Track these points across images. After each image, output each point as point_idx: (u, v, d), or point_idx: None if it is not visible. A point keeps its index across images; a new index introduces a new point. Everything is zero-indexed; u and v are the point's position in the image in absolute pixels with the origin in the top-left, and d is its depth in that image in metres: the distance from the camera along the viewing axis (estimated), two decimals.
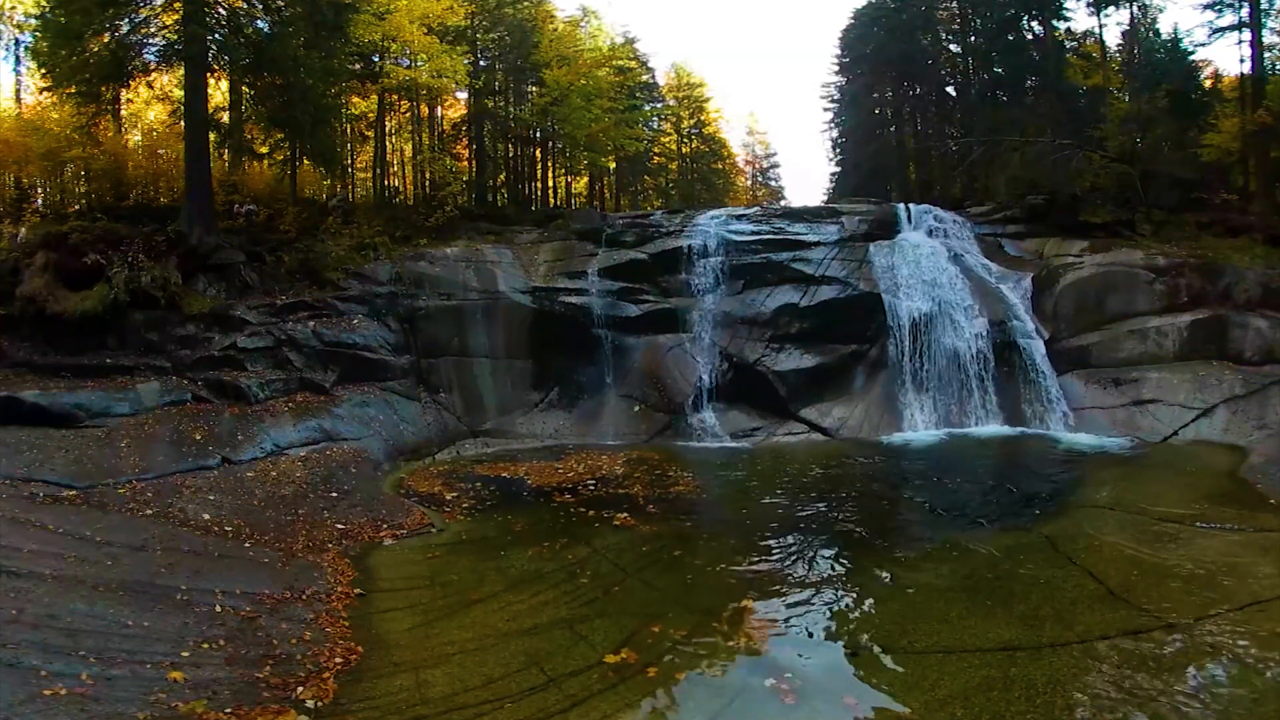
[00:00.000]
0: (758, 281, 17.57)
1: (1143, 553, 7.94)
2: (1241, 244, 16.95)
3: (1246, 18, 20.15)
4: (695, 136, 38.87)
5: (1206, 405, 13.83)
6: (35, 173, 19.10)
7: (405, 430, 14.71)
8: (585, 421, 16.42)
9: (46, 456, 10.75)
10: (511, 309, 16.95)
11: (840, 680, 5.66)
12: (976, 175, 25.47)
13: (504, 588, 7.74)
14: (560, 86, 23.31)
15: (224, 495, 10.48)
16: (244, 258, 16.10)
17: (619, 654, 6.05)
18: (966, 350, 15.82)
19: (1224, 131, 19.29)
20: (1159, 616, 6.29)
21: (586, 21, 29.79)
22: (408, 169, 27.19)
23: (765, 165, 48.34)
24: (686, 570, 8.09)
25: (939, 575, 7.58)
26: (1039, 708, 5.03)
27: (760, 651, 6.17)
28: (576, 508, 10.69)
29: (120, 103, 19.28)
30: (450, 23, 22.60)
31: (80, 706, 4.75)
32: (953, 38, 31.37)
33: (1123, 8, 25.06)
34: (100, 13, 14.34)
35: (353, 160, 26.18)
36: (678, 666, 5.91)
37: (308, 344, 15.05)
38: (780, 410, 16.04)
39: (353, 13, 17.54)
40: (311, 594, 7.38)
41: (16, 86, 21.59)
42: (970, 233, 19.11)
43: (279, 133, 17.60)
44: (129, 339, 14.28)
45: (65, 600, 6.22)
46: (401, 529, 9.90)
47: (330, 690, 5.53)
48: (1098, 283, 16.39)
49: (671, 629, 6.52)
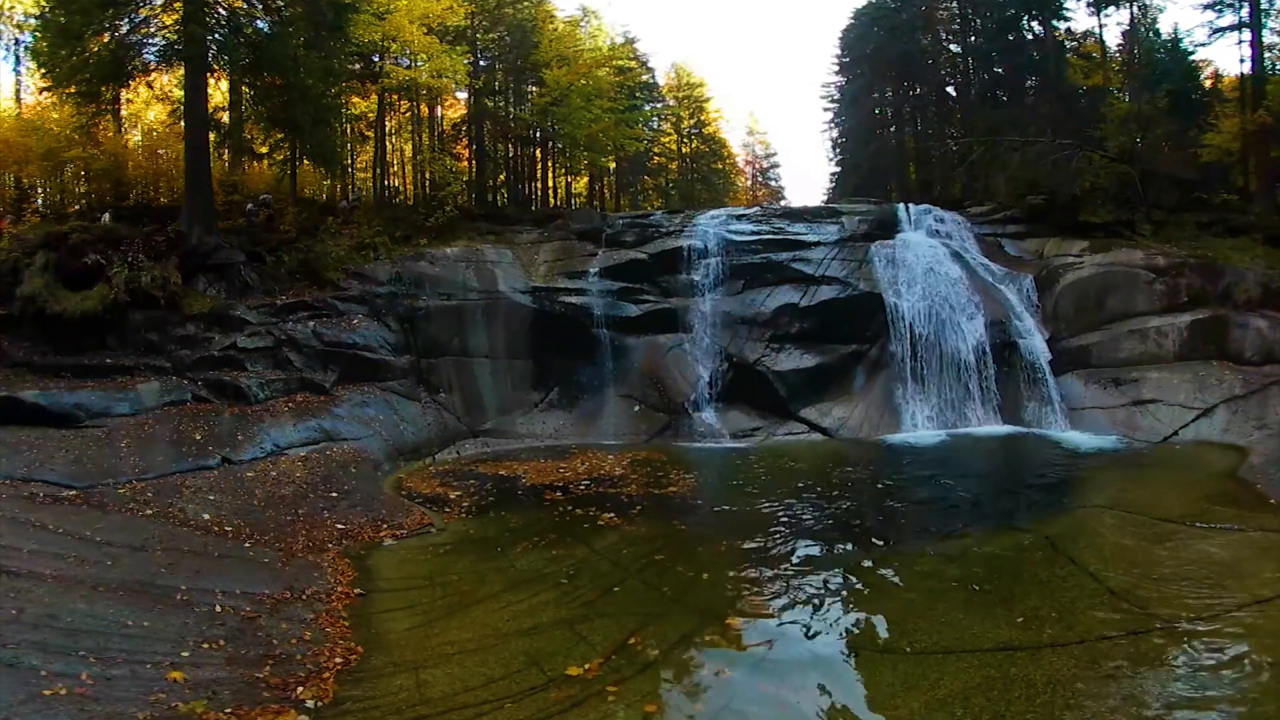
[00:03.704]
0: (758, 281, 17.57)
1: (1143, 553, 7.94)
2: (1241, 244, 16.95)
3: (1246, 18, 20.17)
4: (695, 136, 38.85)
5: (1206, 405, 13.82)
6: (35, 173, 19.11)
7: (405, 430, 14.71)
8: (585, 421, 16.42)
9: (46, 456, 10.75)
10: (511, 309, 16.94)
11: (840, 680, 5.66)
12: (976, 175, 25.46)
13: (504, 588, 7.74)
14: (560, 86, 23.31)
15: (224, 495, 10.48)
16: (244, 258, 16.10)
17: (620, 654, 6.04)
18: (966, 350, 15.82)
19: (1224, 131, 19.28)
20: (1159, 616, 6.28)
21: (586, 21, 29.79)
22: (408, 169, 27.20)
23: (765, 165, 48.32)
24: (686, 570, 8.08)
25: (939, 575, 7.57)
26: (1039, 708, 5.03)
27: (760, 651, 6.17)
28: (576, 508, 10.68)
29: (120, 103, 19.27)
30: (450, 23, 22.60)
31: (80, 706, 4.75)
32: (953, 38, 31.35)
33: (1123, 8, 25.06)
34: (100, 13, 14.33)
35: (353, 160, 26.19)
36: (678, 666, 5.91)
37: (308, 344, 15.04)
38: (780, 410, 16.03)
39: (353, 13, 17.53)
40: (311, 594, 7.38)
41: (16, 86, 21.62)
42: (970, 233, 19.11)
43: (279, 133, 17.58)
44: (129, 339, 14.27)
45: (65, 600, 6.22)
46: (401, 529, 9.90)
47: (330, 690, 5.52)
48: (1098, 283, 16.39)
49: (672, 629, 6.51)
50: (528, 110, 26.04)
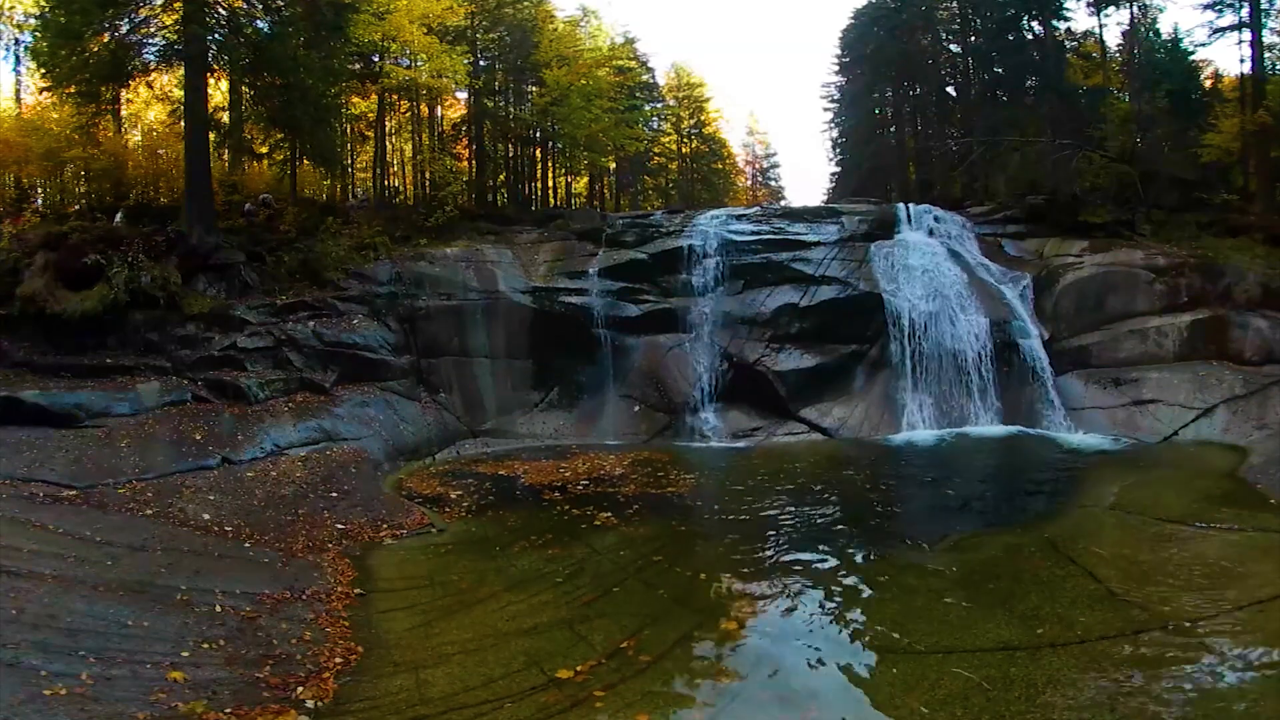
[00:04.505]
0: (758, 281, 17.55)
1: (1143, 553, 7.94)
2: (1241, 244, 16.93)
3: (1246, 18, 20.13)
4: (695, 136, 38.83)
5: (1206, 405, 13.82)
6: (35, 173, 19.11)
7: (405, 430, 14.71)
8: (585, 421, 16.42)
9: (46, 456, 10.75)
10: (511, 309, 16.94)
11: (840, 680, 5.66)
12: (976, 175, 25.47)
13: (504, 587, 7.74)
14: (560, 86, 23.30)
15: (224, 495, 10.48)
16: (244, 258, 16.10)
17: (619, 654, 6.04)
18: (966, 350, 15.81)
19: (1224, 131, 19.26)
20: (1159, 616, 6.28)
21: (586, 21, 29.76)
22: (408, 169, 27.20)
23: (765, 165, 48.34)
24: (686, 570, 8.08)
25: (939, 575, 7.57)
26: (1039, 708, 5.02)
27: (760, 651, 6.16)
28: (576, 508, 10.68)
29: (120, 103, 19.28)
30: (450, 23, 22.60)
31: (80, 706, 4.74)
32: (953, 38, 31.33)
33: (1123, 8, 25.05)
34: (100, 13, 14.33)
35: (353, 160, 26.21)
36: (678, 667, 5.91)
37: (308, 344, 15.04)
38: (780, 410, 16.03)
39: (353, 13, 17.54)
40: (311, 594, 7.38)
41: (16, 86, 21.63)
42: (970, 233, 19.08)
43: (279, 133, 17.60)
44: (129, 339, 14.27)
45: (65, 600, 6.21)
46: (401, 529, 9.91)
47: (330, 690, 5.53)
48: (1098, 283, 16.39)
49: (672, 629, 6.51)
50: (528, 110, 26.03)
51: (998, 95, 28.26)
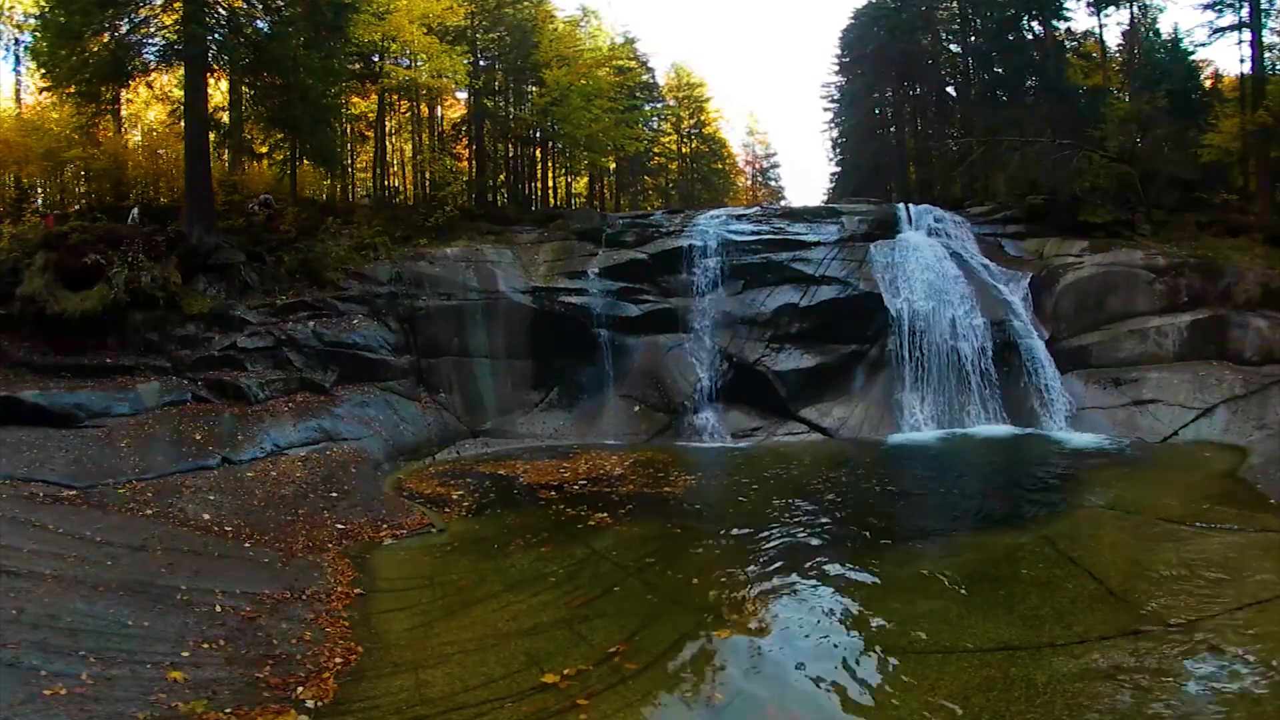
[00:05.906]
0: (758, 281, 17.57)
1: (1142, 553, 7.94)
2: (1241, 244, 16.96)
3: (1246, 18, 20.17)
4: (695, 136, 38.85)
5: (1206, 405, 13.83)
6: (35, 173, 19.12)
7: (405, 430, 14.71)
8: (585, 421, 16.42)
9: (46, 456, 10.74)
10: (511, 309, 16.95)
11: (840, 680, 5.65)
12: (976, 175, 25.47)
13: (504, 587, 7.74)
14: (560, 86, 23.31)
15: (224, 495, 10.48)
16: (244, 258, 16.10)
17: (619, 654, 6.04)
18: (966, 350, 15.82)
19: (1224, 131, 19.28)
20: (1159, 616, 6.28)
21: (586, 21, 29.79)
22: (408, 169, 27.21)
23: (765, 165, 48.29)
24: (686, 570, 8.08)
25: (939, 575, 7.56)
26: (1039, 708, 5.03)
27: (760, 651, 6.16)
28: (576, 508, 10.68)
29: (120, 103, 19.30)
30: (450, 23, 22.62)
31: (80, 706, 4.75)
32: (953, 38, 31.35)
33: (1123, 8, 25.12)
34: (100, 13, 14.34)
35: (353, 160, 26.20)
36: (677, 666, 5.91)
37: (308, 344, 15.04)
38: (780, 410, 16.03)
39: (353, 13, 17.56)
40: (311, 594, 7.38)
41: (16, 86, 21.65)
42: (970, 233, 19.09)
43: (279, 133, 17.60)
44: (129, 339, 14.27)
45: (65, 600, 6.21)
46: (401, 529, 9.90)
47: (330, 690, 5.52)
48: (1098, 283, 16.40)
49: (671, 629, 6.52)
50: (528, 110, 26.06)
51: (998, 95, 28.27)
